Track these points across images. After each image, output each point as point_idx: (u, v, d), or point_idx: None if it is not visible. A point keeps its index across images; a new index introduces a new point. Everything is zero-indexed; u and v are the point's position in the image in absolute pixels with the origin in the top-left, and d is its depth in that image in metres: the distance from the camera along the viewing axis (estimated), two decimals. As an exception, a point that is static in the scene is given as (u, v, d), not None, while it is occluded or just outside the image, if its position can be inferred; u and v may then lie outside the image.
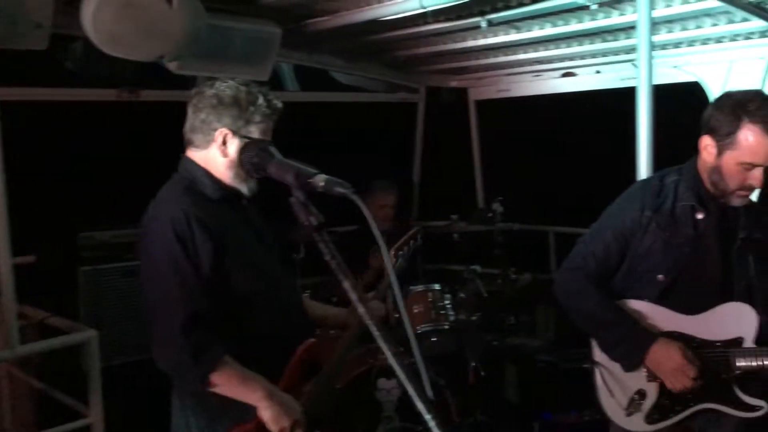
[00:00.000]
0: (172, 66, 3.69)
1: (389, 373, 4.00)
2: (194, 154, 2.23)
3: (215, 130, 2.15)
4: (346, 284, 1.28)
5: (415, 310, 4.49)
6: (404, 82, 5.95)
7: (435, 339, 4.60)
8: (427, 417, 1.14)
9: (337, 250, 1.36)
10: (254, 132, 2.14)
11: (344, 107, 6.03)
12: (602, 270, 2.48)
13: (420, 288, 4.52)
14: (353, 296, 1.27)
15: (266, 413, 2.04)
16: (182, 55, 3.57)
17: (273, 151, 1.53)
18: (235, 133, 2.14)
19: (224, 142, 2.16)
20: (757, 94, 2.34)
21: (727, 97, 2.36)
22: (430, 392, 1.22)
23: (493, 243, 4.82)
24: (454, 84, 6.07)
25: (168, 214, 2.08)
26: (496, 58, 5.19)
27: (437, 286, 4.55)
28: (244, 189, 2.22)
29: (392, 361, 1.18)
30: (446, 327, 4.49)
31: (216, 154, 2.18)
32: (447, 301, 4.52)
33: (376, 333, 1.21)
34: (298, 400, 2.17)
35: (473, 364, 4.74)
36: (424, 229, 5.80)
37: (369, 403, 3.79)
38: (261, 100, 2.15)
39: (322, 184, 1.38)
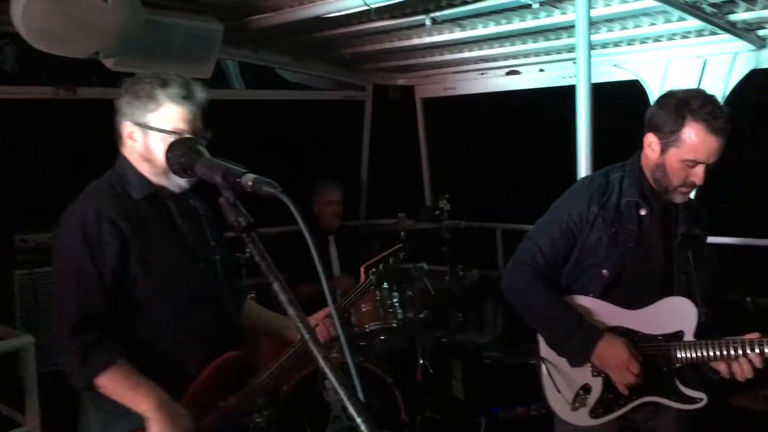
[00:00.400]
0: (108, 63, 3.59)
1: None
2: (123, 151, 2.17)
3: (121, 124, 2.11)
4: (276, 286, 1.24)
5: (363, 309, 4.48)
6: (351, 80, 5.93)
7: (383, 337, 4.60)
8: (359, 420, 1.11)
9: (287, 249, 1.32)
10: (162, 122, 2.05)
11: (291, 105, 5.98)
12: (550, 266, 2.50)
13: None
14: (283, 298, 1.24)
15: (153, 425, 1.97)
16: (119, 52, 3.47)
17: (201, 150, 1.47)
18: (139, 125, 2.08)
19: (131, 137, 2.10)
20: (700, 92, 2.39)
21: (671, 96, 2.40)
22: (361, 395, 1.20)
23: (441, 240, 4.83)
24: (401, 82, 6.08)
25: (79, 211, 2.04)
26: (441, 56, 5.21)
27: (385, 285, 4.53)
28: (169, 185, 2.14)
29: (323, 364, 1.16)
30: (394, 325, 4.49)
31: (133, 150, 2.13)
32: (395, 300, 4.51)
33: (306, 336, 1.19)
34: (207, 413, 2.09)
35: (422, 361, 4.75)
36: (371, 227, 5.83)
37: (317, 404, 3.76)
38: (163, 89, 2.06)
39: (250, 183, 1.34)
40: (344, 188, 5.04)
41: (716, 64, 4.15)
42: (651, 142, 2.41)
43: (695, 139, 2.29)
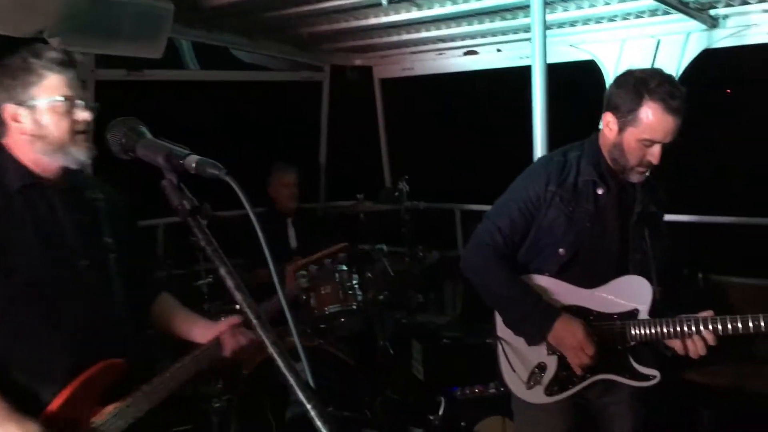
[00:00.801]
0: (53, 43, 3.46)
1: (297, 357, 3.95)
2: (3, 140, 2.03)
3: (0, 109, 1.98)
4: (223, 271, 1.21)
5: (323, 292, 4.45)
6: (308, 60, 5.84)
7: (344, 320, 4.59)
8: (308, 406, 1.09)
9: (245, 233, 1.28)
10: (41, 95, 1.94)
11: (248, 86, 5.89)
12: (508, 245, 2.51)
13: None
14: (230, 283, 1.20)
15: None
16: (64, 31, 3.36)
17: (143, 130, 1.42)
18: (22, 104, 1.95)
19: (16, 119, 1.97)
20: (657, 72, 2.40)
21: (629, 76, 2.41)
22: (311, 381, 1.17)
23: (400, 222, 4.82)
24: (358, 62, 6.02)
25: None
26: (399, 36, 5.17)
27: (345, 267, 4.51)
28: (66, 161, 2.00)
29: (272, 349, 1.14)
30: (354, 307, 4.47)
31: (16, 135, 1.99)
32: (355, 281, 4.50)
33: (254, 321, 1.16)
34: (76, 426, 1.93)
35: (382, 343, 4.76)
36: (330, 209, 5.80)
37: (277, 388, 3.74)
38: (39, 59, 1.95)
39: (194, 165, 1.29)
40: (301, 170, 4.99)
41: (669, 44, 4.19)
42: (609, 121, 2.42)
43: (652, 119, 2.31)
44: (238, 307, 1.26)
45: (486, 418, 3.64)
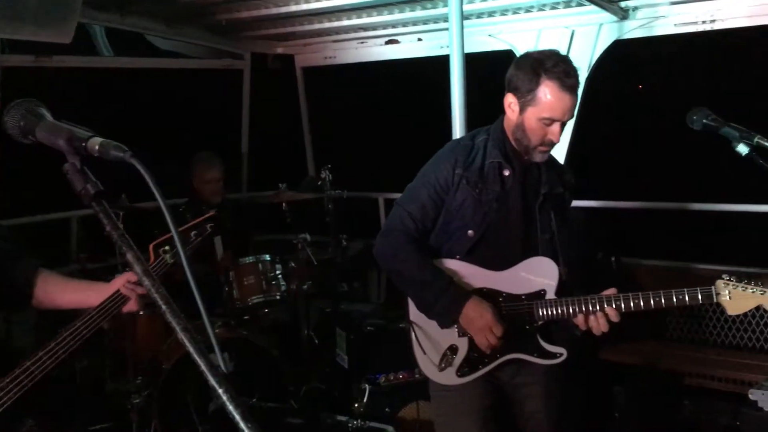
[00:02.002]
0: (-48, 25, 3.28)
1: (220, 349, 3.89)
2: None
3: None
4: (130, 256, 1.17)
5: (246, 282, 4.40)
6: (228, 48, 5.73)
7: (267, 310, 4.55)
8: (220, 391, 1.08)
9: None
10: None
11: (166, 74, 5.72)
12: (419, 230, 2.53)
13: (250, 259, 4.43)
14: (137, 269, 1.17)
15: None
16: (-37, 14, 3.18)
17: (42, 112, 1.35)
18: None
19: None
20: (554, 53, 2.48)
21: (527, 57, 2.49)
22: (224, 366, 1.16)
23: (324, 211, 4.80)
24: (280, 50, 5.95)
25: None
26: (321, 24, 5.14)
27: (267, 257, 4.47)
28: None
29: (182, 335, 1.11)
30: (278, 297, 4.44)
31: None
32: (278, 272, 4.46)
33: (163, 308, 1.13)
34: None
35: (306, 332, 4.74)
36: (252, 200, 5.71)
37: (199, 381, 3.66)
38: None
39: (97, 147, 1.24)
40: (224, 163, 4.87)
41: (583, 35, 4.33)
42: (510, 102, 2.48)
43: (550, 97, 2.38)
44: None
45: (410, 403, 3.68)
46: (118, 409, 3.95)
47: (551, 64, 2.38)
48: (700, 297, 2.35)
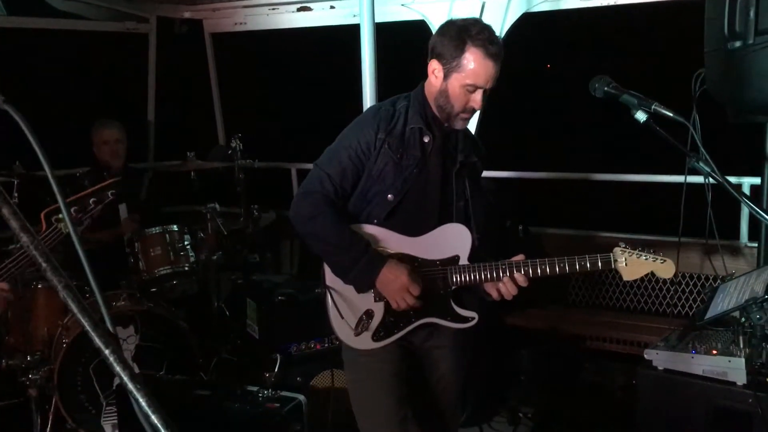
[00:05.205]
0: None
1: (125, 322, 3.78)
2: None
3: None
4: (5, 210, 1.10)
5: (152, 253, 4.28)
6: (131, 10, 5.49)
7: (176, 282, 4.44)
8: (106, 352, 1.04)
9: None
10: None
11: (64, 36, 5.42)
12: (338, 193, 2.52)
13: (157, 230, 4.30)
14: (14, 224, 1.10)
15: None
16: None
17: None
18: None
19: None
20: (477, 20, 2.51)
21: (452, 24, 2.50)
22: (110, 326, 1.12)
23: (234, 181, 4.70)
24: (187, 15, 5.75)
25: None
26: (230, -11, 5.00)
27: (175, 227, 4.36)
28: None
29: (63, 293, 1.06)
30: (186, 268, 4.35)
31: None
32: (186, 242, 4.36)
33: (44, 265, 1.07)
34: None
35: (216, 304, 4.67)
36: (158, 169, 5.53)
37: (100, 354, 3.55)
38: None
39: None
40: (126, 127, 4.69)
41: (494, 6, 4.39)
42: (434, 68, 2.49)
43: (474, 65, 2.41)
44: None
45: (322, 372, 3.69)
46: (18, 386, 3.79)
47: (476, 32, 2.40)
48: (600, 263, 2.45)
